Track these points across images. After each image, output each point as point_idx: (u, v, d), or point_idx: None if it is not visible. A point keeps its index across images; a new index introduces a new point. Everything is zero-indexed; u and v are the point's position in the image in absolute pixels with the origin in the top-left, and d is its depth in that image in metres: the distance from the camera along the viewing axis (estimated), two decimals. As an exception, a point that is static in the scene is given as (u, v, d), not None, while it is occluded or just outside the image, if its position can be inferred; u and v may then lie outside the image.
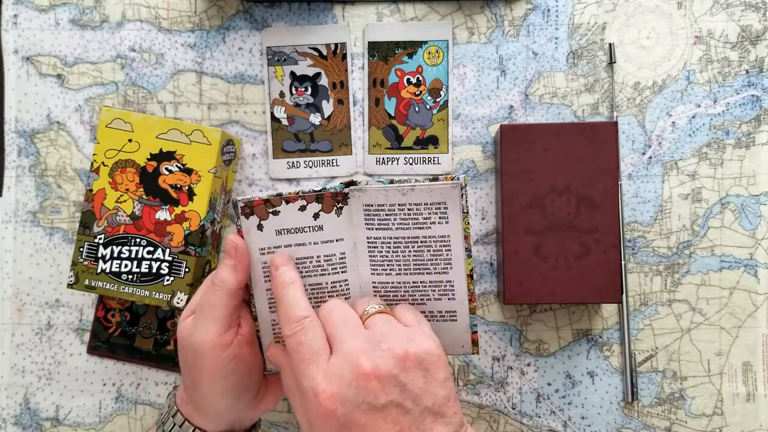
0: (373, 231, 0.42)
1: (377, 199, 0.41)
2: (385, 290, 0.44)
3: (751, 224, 0.55)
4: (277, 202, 0.42)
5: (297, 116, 0.56)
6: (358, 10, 0.56)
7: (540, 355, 0.55)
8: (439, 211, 0.41)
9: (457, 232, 0.42)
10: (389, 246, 0.42)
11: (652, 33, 0.55)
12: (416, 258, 0.42)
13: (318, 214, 0.42)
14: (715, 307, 0.55)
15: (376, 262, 0.43)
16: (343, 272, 0.43)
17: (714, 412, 0.54)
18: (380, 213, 0.42)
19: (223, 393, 0.42)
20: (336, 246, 0.43)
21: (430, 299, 0.44)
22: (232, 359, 0.41)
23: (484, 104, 0.56)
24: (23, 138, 0.56)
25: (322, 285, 0.43)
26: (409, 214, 0.41)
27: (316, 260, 0.43)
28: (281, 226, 0.42)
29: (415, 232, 0.42)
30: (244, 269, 0.42)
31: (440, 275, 0.43)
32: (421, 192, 0.41)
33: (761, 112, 0.55)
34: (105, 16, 0.56)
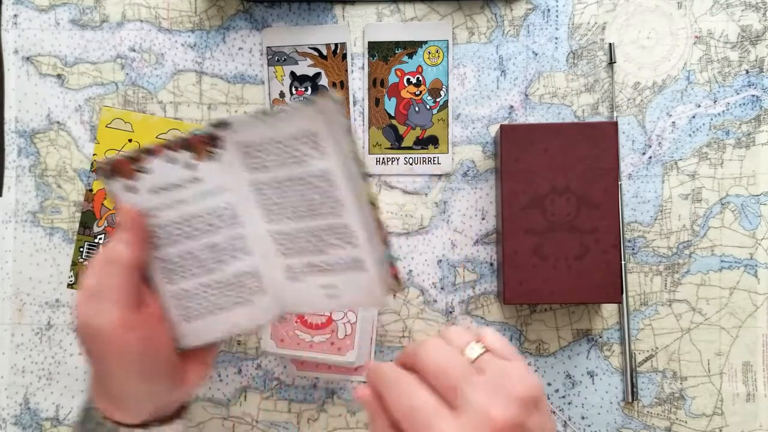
0: (256, 173, 0.38)
1: (250, 137, 0.37)
2: (284, 240, 0.39)
3: (751, 224, 0.55)
4: (142, 157, 0.38)
5: (297, 116, 0.56)
6: (358, 10, 0.56)
7: (540, 355, 0.55)
8: (311, 143, 0.36)
9: (335, 165, 0.36)
10: (275, 189, 0.38)
11: (652, 33, 0.55)
12: (305, 200, 0.38)
13: (191, 164, 0.38)
14: (715, 307, 0.55)
15: (269, 209, 0.38)
16: (238, 225, 0.39)
17: (714, 412, 0.54)
18: (257, 152, 0.37)
19: (134, 378, 0.38)
20: (222, 197, 0.38)
21: (331, 246, 0.39)
22: (140, 341, 0.38)
23: (484, 104, 0.56)
24: (23, 138, 0.56)
25: (217, 244, 0.39)
26: (284, 149, 0.37)
27: (203, 217, 0.39)
28: (155, 185, 0.38)
29: (295, 169, 0.37)
30: (140, 242, 0.38)
31: (335, 218, 0.38)
32: (287, 122, 0.36)
33: (761, 112, 0.55)
34: (105, 16, 0.56)
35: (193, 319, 0.41)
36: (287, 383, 0.56)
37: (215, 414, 0.56)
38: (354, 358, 0.51)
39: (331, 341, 0.51)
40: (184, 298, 0.40)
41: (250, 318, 0.41)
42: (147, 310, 0.39)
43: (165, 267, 0.40)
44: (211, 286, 0.40)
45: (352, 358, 0.51)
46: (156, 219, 0.39)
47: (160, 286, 0.40)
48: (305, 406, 0.56)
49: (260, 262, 0.40)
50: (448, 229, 0.56)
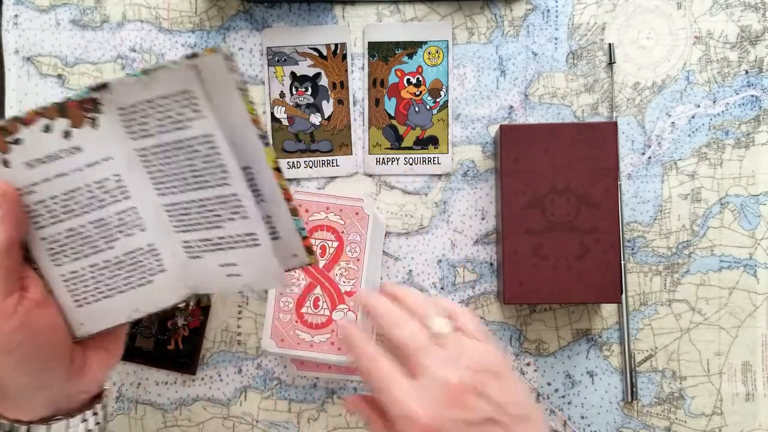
0: (138, 140, 0.35)
1: (126, 99, 0.34)
2: (177, 213, 0.37)
3: (751, 224, 0.55)
4: (14, 127, 0.34)
5: (297, 116, 0.56)
6: (358, 11, 0.56)
7: (540, 355, 0.55)
8: (190, 103, 0.33)
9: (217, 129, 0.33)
10: (160, 156, 0.35)
11: (651, 33, 0.55)
12: (191, 168, 0.35)
13: (69, 132, 0.34)
14: (714, 307, 0.55)
15: (157, 179, 0.35)
16: (126, 198, 0.36)
17: (713, 411, 0.55)
18: (136, 116, 0.34)
19: (18, 370, 0.36)
20: (106, 167, 0.35)
21: (224, 220, 0.36)
22: (19, 329, 0.35)
23: (484, 104, 0.56)
24: (24, 138, 0.56)
25: (105, 220, 0.36)
26: (162, 111, 0.34)
27: (87, 190, 0.36)
28: (30, 157, 0.35)
29: (177, 134, 0.34)
30: (14, 221, 0.35)
31: (221, 188, 0.35)
32: (162, 81, 0.33)
33: (760, 112, 0.55)
34: (105, 17, 0.56)
35: (86, 304, 0.38)
36: (287, 383, 0.56)
37: (215, 414, 0.56)
38: (354, 357, 0.51)
39: (331, 341, 0.51)
40: (74, 281, 0.37)
41: (151, 300, 0.39)
42: (27, 295, 0.36)
43: (50, 247, 0.36)
44: (102, 266, 0.37)
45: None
46: (35, 195, 0.35)
47: (47, 269, 0.37)
48: (305, 406, 0.56)
49: (158, 238, 0.37)
50: (448, 229, 0.56)
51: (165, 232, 0.37)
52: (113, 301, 0.38)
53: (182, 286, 0.39)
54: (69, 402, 0.39)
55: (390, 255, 0.56)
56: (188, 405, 0.56)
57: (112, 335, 0.41)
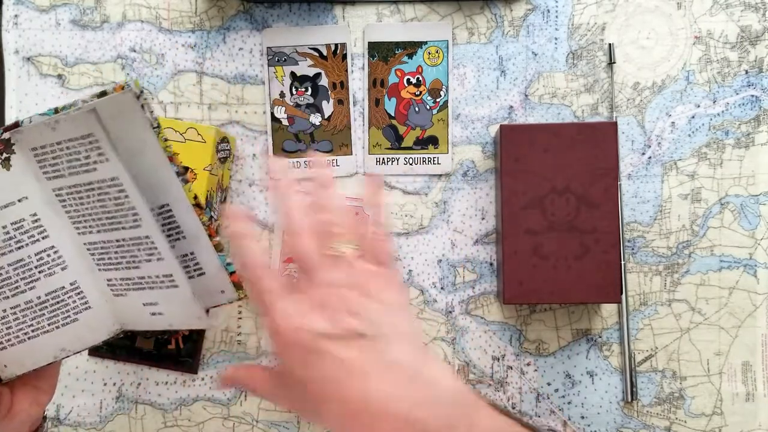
0: (52, 180, 0.35)
1: (37, 140, 0.34)
2: (97, 252, 0.37)
3: (751, 224, 0.55)
4: None
5: (297, 116, 0.56)
6: (358, 11, 0.56)
7: (540, 355, 0.55)
8: (93, 147, 0.33)
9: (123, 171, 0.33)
10: (74, 197, 0.35)
11: (651, 33, 0.55)
12: (104, 210, 0.35)
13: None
14: (714, 307, 0.55)
15: (74, 219, 0.35)
16: (45, 238, 0.35)
17: (713, 411, 0.55)
18: (47, 156, 0.34)
19: None
20: (21, 208, 0.35)
21: (141, 261, 0.36)
22: None
23: (484, 104, 0.56)
24: (24, 138, 0.56)
25: (24, 261, 0.36)
26: (70, 153, 0.34)
27: (3, 232, 0.35)
28: None
29: (86, 177, 0.34)
30: None
31: (135, 230, 0.35)
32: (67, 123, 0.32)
33: (760, 112, 0.55)
34: (105, 17, 0.56)
35: (10, 346, 0.37)
36: (287, 383, 0.56)
37: (215, 414, 0.56)
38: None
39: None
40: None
41: (77, 338, 0.38)
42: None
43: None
44: (25, 307, 0.37)
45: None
46: None
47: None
48: (305, 406, 0.56)
49: (80, 276, 0.37)
50: (448, 229, 0.56)
51: (89, 270, 0.37)
52: (38, 342, 0.37)
53: (111, 323, 0.39)
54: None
55: (390, 255, 0.56)
56: (188, 405, 0.56)
57: (43, 373, 0.40)
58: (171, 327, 0.39)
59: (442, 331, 0.55)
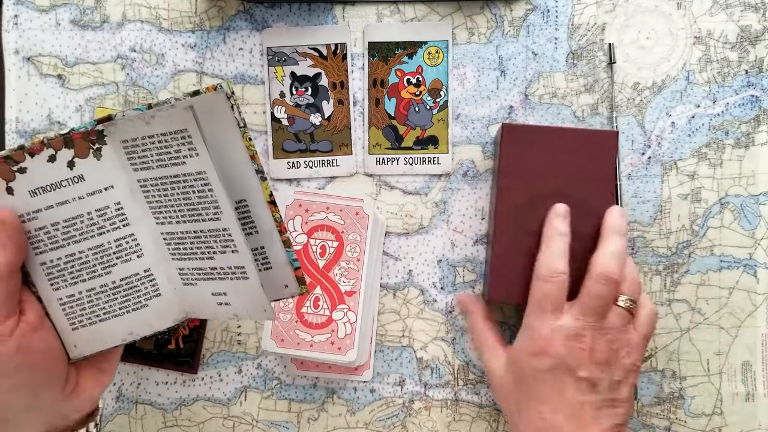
0: (139, 171, 0.36)
1: (129, 133, 0.35)
2: (173, 242, 0.38)
3: (751, 224, 0.55)
4: (19, 156, 0.35)
5: (297, 116, 0.56)
6: (358, 11, 0.56)
7: (540, 355, 0.55)
8: (185, 141, 0.34)
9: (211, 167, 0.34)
10: (159, 189, 0.36)
11: (651, 33, 0.56)
12: (186, 202, 0.36)
13: (73, 162, 0.36)
14: (714, 307, 0.55)
15: (155, 209, 0.37)
16: (126, 226, 0.37)
17: (713, 411, 0.55)
18: (137, 149, 0.36)
19: (13, 392, 0.36)
20: (107, 196, 0.36)
21: (216, 252, 0.37)
22: (16, 353, 0.35)
23: (484, 104, 0.56)
24: (24, 138, 0.56)
25: (104, 246, 0.37)
26: (161, 147, 0.35)
27: (88, 218, 0.37)
28: (34, 185, 0.36)
29: (174, 169, 0.35)
30: (16, 247, 0.36)
31: (214, 222, 0.36)
32: (162, 119, 0.34)
33: (760, 112, 0.55)
34: (106, 17, 0.56)
35: (82, 327, 0.39)
36: (287, 383, 0.56)
37: (215, 414, 0.56)
38: (354, 357, 0.51)
39: (331, 341, 0.51)
40: (71, 305, 0.38)
41: (146, 323, 0.40)
42: (24, 318, 0.37)
43: (49, 272, 0.37)
44: (99, 290, 0.39)
45: (352, 358, 0.51)
46: (37, 222, 0.36)
47: (45, 293, 0.38)
48: (305, 406, 0.56)
49: (154, 264, 0.39)
50: (448, 229, 0.56)
51: (162, 259, 0.39)
52: (108, 325, 0.39)
53: (176, 311, 0.40)
54: (63, 421, 0.40)
55: (390, 255, 0.56)
56: (188, 405, 0.56)
57: (106, 356, 0.41)
58: (236, 317, 0.41)
59: (442, 331, 0.56)
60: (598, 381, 0.44)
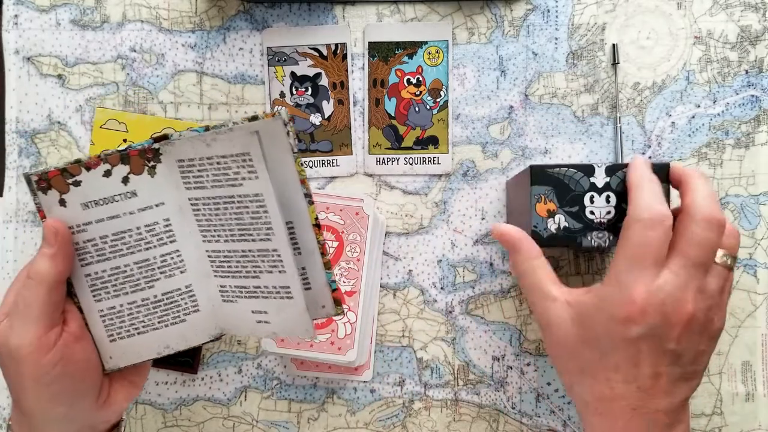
0: (192, 190, 0.37)
1: (187, 153, 0.36)
2: (218, 260, 0.39)
3: (751, 224, 0.55)
4: (76, 170, 0.36)
5: (297, 116, 0.56)
6: (358, 11, 0.56)
7: (540, 355, 0.55)
8: (246, 164, 0.35)
9: (269, 189, 0.35)
10: (211, 208, 0.37)
11: (651, 33, 0.56)
12: (238, 222, 0.37)
13: (127, 178, 0.37)
14: (714, 307, 0.55)
15: (204, 227, 0.38)
16: (172, 242, 0.38)
17: (713, 411, 0.55)
18: (193, 169, 0.37)
19: (53, 401, 0.37)
20: (157, 212, 0.37)
21: (262, 271, 0.38)
22: (58, 362, 0.36)
23: (484, 104, 0.56)
24: (24, 138, 0.56)
25: (149, 261, 0.38)
26: (219, 168, 0.36)
27: (137, 233, 0.38)
28: (87, 198, 0.37)
29: (230, 190, 0.36)
30: (65, 258, 0.37)
31: (264, 242, 0.37)
32: (223, 141, 0.35)
33: (761, 112, 0.55)
34: (106, 17, 0.56)
35: (119, 339, 0.39)
36: (287, 383, 0.56)
37: (215, 414, 0.56)
38: (354, 357, 0.51)
39: (331, 341, 0.51)
40: (111, 317, 0.39)
41: (182, 338, 0.40)
42: (67, 328, 0.38)
43: (93, 284, 0.38)
44: (140, 304, 0.39)
45: (352, 358, 0.51)
46: (86, 234, 0.37)
47: (86, 304, 0.38)
48: (305, 406, 0.56)
49: (196, 280, 0.39)
50: (448, 229, 0.56)
51: (204, 275, 0.39)
52: (145, 338, 0.40)
53: (212, 327, 0.40)
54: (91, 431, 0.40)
55: (390, 255, 0.56)
56: (188, 405, 0.56)
57: (138, 369, 0.42)
58: (274, 336, 0.41)
59: (442, 331, 0.56)
60: (685, 352, 0.37)
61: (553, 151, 0.55)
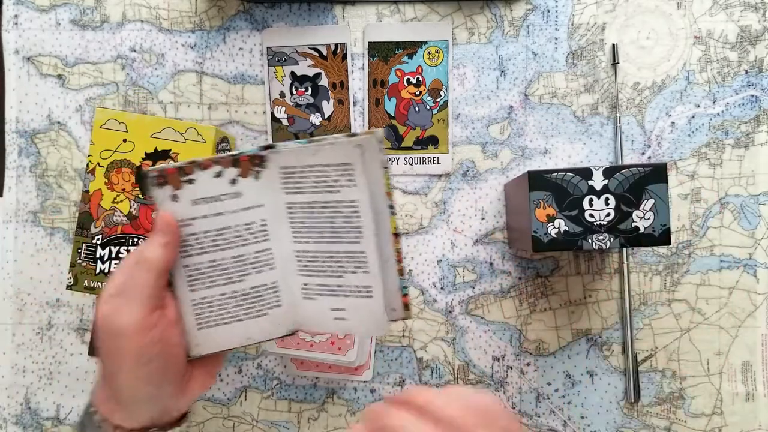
0: (291, 195, 0.40)
1: (291, 161, 0.40)
2: (305, 260, 0.42)
3: (750, 224, 0.55)
4: (191, 169, 0.40)
5: (297, 116, 0.56)
6: (358, 11, 0.56)
7: (540, 355, 0.55)
8: (346, 173, 0.39)
9: (364, 196, 0.39)
10: (306, 211, 0.41)
11: (651, 33, 0.56)
12: (330, 225, 0.40)
13: (235, 180, 0.40)
14: (714, 307, 0.55)
15: (297, 229, 0.41)
16: (266, 240, 0.41)
17: (713, 411, 0.55)
18: (294, 175, 0.40)
19: (145, 380, 0.39)
20: (256, 213, 0.41)
21: (346, 272, 0.41)
22: (157, 342, 0.39)
23: (484, 104, 0.56)
24: (24, 138, 0.56)
25: (244, 256, 0.41)
26: (320, 176, 0.40)
27: (236, 230, 0.41)
28: (197, 196, 0.40)
29: (327, 196, 0.40)
30: (175, 248, 0.40)
31: (352, 245, 0.40)
32: (328, 152, 0.39)
33: (760, 112, 0.55)
34: (105, 17, 0.56)
35: (207, 327, 0.42)
36: (287, 383, 0.56)
37: (215, 414, 0.56)
38: (354, 357, 0.51)
39: (331, 341, 0.51)
40: (202, 306, 0.41)
41: (263, 331, 0.42)
42: (165, 313, 0.40)
43: (191, 275, 0.41)
44: (230, 296, 0.42)
45: (352, 358, 0.51)
46: (191, 228, 0.40)
47: (182, 293, 0.41)
48: (305, 406, 0.56)
49: (282, 277, 0.42)
50: (448, 229, 0.56)
51: (290, 273, 0.42)
52: (230, 328, 0.42)
53: (290, 322, 0.43)
54: (164, 416, 0.42)
55: (390, 255, 0.56)
56: (188, 405, 0.56)
57: (216, 359, 0.44)
58: (349, 332, 0.44)
59: (442, 331, 0.56)
60: None
61: (553, 151, 0.55)
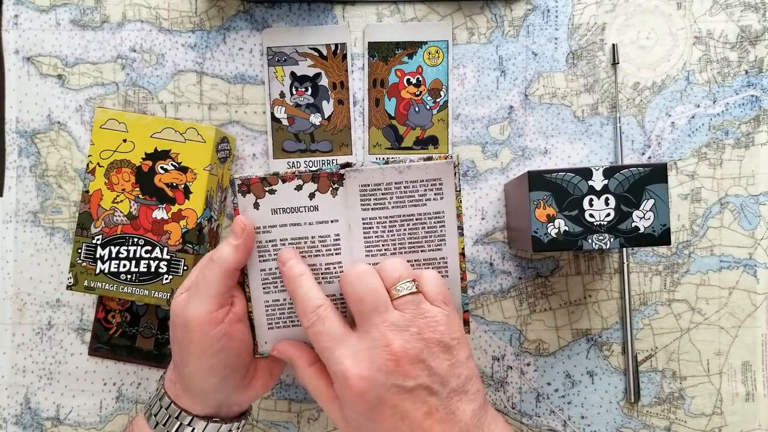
0: (369, 211, 0.43)
1: (374, 179, 0.42)
2: None
3: (751, 224, 0.55)
4: (274, 180, 0.42)
5: (297, 116, 0.56)
6: (358, 11, 0.56)
7: (540, 355, 0.55)
8: (435, 188, 0.42)
9: (450, 207, 0.42)
10: (384, 225, 0.43)
11: (651, 33, 0.56)
12: (411, 236, 0.43)
13: (314, 194, 0.43)
14: (714, 307, 0.55)
15: (371, 243, 0.43)
16: (337, 254, 0.43)
17: (713, 411, 0.55)
18: (376, 192, 0.42)
19: (210, 371, 0.42)
20: (331, 227, 0.43)
21: None
22: (222, 336, 0.41)
23: (484, 104, 0.56)
24: (24, 138, 0.56)
25: (315, 266, 0.43)
26: (406, 191, 0.42)
27: (311, 241, 0.43)
28: (277, 205, 0.43)
29: (411, 209, 0.42)
30: (246, 251, 0.42)
31: (434, 252, 0.43)
32: (418, 169, 0.42)
33: (760, 112, 0.55)
34: (105, 17, 0.56)
35: (276, 328, 0.44)
36: (287, 383, 0.56)
37: (215, 414, 0.56)
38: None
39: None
40: (274, 308, 0.44)
41: None
42: (233, 310, 0.43)
43: (266, 278, 0.44)
44: None
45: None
46: (269, 235, 0.43)
47: (256, 294, 0.44)
48: (305, 406, 0.56)
49: None
50: (448, 229, 0.56)
51: None
52: (296, 331, 0.44)
53: None
54: (226, 409, 0.45)
55: (390, 255, 0.56)
56: (188, 405, 0.56)
57: (280, 361, 0.47)
58: None
59: (442, 331, 0.55)
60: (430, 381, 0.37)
61: (553, 151, 0.55)
